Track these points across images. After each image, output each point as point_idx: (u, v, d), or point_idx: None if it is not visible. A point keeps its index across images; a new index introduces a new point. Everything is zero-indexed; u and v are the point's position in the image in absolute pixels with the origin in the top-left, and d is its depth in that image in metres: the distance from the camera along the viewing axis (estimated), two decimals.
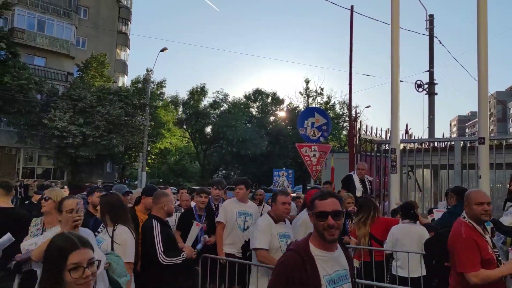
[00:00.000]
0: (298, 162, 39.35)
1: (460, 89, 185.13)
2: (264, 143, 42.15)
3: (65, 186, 13.58)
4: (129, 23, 44.70)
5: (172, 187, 30.49)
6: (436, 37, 17.33)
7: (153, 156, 42.97)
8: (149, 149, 34.44)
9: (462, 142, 9.47)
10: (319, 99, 46.79)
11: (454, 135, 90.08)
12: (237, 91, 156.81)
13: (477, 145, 8.01)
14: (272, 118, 47.81)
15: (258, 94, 47.68)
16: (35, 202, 11.46)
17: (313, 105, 44.17)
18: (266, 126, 45.38)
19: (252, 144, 40.23)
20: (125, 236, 3.98)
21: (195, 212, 6.25)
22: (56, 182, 28.61)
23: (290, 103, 47.92)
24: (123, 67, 43.91)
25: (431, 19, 17.25)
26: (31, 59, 33.55)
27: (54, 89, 31.47)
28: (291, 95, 77.43)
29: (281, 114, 47.63)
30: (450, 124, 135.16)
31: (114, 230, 3.99)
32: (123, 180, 40.56)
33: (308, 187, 34.93)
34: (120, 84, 40.96)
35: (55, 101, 29.45)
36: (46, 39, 34.76)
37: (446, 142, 9.89)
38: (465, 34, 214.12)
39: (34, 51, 34.20)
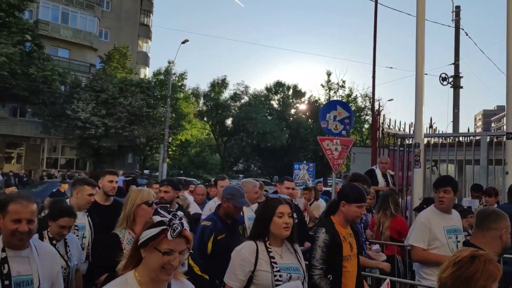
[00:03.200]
0: (318, 156, 39.14)
1: (486, 83, 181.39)
2: (284, 136, 42.06)
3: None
4: (151, 15, 44.95)
5: (193, 179, 30.68)
6: (462, 29, 16.93)
7: (174, 148, 43.29)
8: (170, 140, 34.68)
9: (488, 137, 9.23)
10: (340, 91, 46.42)
11: (479, 130, 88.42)
12: (258, 84, 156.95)
13: (504, 140, 7.78)
14: (293, 111, 47.61)
15: (279, 86, 47.51)
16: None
17: (335, 98, 43.79)
18: (286, 118, 45.23)
19: (272, 137, 40.18)
20: None
21: None
22: (79, 173, 29.12)
23: (311, 95, 47.65)
24: (144, 59, 44.23)
25: (457, 10, 16.84)
26: (55, 50, 34.05)
27: (77, 80, 31.86)
28: (312, 87, 76.95)
29: (302, 107, 47.38)
30: (475, 118, 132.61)
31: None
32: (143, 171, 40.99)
33: (329, 181, 34.77)
34: (142, 76, 41.27)
35: (78, 93, 29.84)
36: (69, 31, 35.23)
37: (471, 137, 9.65)
38: (493, 25, 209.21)
39: (58, 43, 34.70)
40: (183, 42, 30.57)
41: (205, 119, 45.58)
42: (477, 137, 9.38)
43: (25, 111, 32.32)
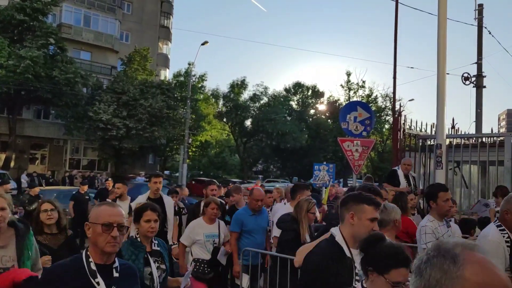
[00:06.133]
0: (338, 156, 38.89)
1: (510, 82, 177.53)
2: (304, 136, 41.93)
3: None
4: (171, 17, 45.28)
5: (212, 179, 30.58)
6: (485, 28, 16.61)
7: (193, 149, 43.51)
8: (190, 141, 34.87)
9: None
10: (360, 92, 46.08)
11: (502, 130, 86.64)
12: (277, 84, 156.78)
13: None
14: (312, 111, 47.44)
15: (298, 87, 47.43)
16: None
17: (354, 98, 43.52)
18: (306, 119, 45.11)
19: (291, 138, 40.09)
20: None
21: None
22: (101, 173, 29.53)
23: (331, 96, 47.42)
24: (165, 61, 44.58)
25: (480, 8, 16.53)
26: (77, 53, 34.63)
27: (99, 82, 32.30)
28: (332, 88, 76.56)
29: (322, 107, 47.19)
30: (499, 118, 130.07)
31: None
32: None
33: (349, 182, 34.52)
34: (162, 78, 41.58)
35: (99, 94, 30.23)
36: (91, 34, 35.78)
37: (495, 137, 9.47)
38: None
39: (80, 45, 35.28)
40: (202, 44, 30.68)
41: (225, 120, 45.73)
42: (501, 138, 9.21)
43: (48, 113, 32.94)
